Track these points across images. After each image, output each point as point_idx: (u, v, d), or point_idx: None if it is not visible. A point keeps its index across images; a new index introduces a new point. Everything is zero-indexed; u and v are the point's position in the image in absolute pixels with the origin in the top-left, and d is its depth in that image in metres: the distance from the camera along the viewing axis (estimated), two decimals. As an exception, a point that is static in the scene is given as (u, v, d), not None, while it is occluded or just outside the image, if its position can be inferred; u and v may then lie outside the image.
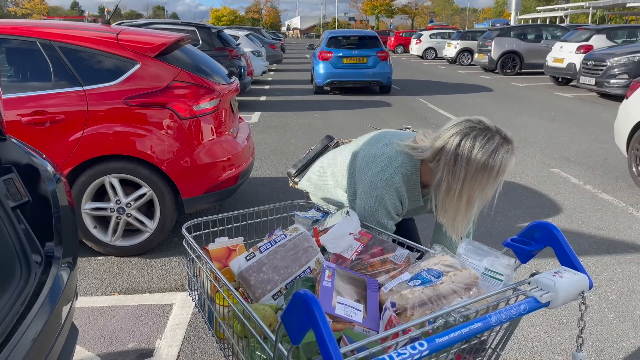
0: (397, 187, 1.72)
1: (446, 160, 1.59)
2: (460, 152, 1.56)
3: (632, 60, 10.26)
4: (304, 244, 1.45)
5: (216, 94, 3.59)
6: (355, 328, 1.18)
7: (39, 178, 1.68)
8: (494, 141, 1.55)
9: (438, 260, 1.35)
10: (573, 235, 3.93)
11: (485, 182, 1.57)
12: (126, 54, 3.42)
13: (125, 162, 3.39)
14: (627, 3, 34.09)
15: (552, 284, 1.02)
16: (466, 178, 1.56)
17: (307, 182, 2.10)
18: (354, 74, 12.09)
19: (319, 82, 12.21)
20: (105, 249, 3.53)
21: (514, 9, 26.59)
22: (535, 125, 8.39)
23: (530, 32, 17.93)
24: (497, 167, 1.54)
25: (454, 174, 1.57)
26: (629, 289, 3.13)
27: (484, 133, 1.56)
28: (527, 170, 5.74)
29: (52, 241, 1.62)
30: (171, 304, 2.98)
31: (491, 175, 1.56)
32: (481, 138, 1.55)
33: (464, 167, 1.55)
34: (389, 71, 12.29)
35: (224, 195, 3.68)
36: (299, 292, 0.86)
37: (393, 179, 1.72)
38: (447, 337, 0.91)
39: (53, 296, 1.48)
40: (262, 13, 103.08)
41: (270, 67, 20.05)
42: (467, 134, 1.57)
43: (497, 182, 1.59)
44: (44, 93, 3.31)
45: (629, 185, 5.14)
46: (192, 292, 1.66)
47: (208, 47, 9.48)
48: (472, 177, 1.56)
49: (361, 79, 12.19)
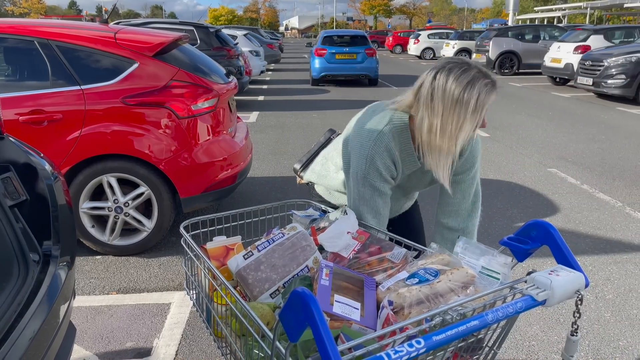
0: (387, 144, 1.66)
1: (423, 97, 1.55)
2: (436, 85, 1.52)
3: (630, 60, 10.29)
4: (301, 242, 1.45)
5: (214, 93, 3.59)
6: (352, 326, 1.18)
7: (36, 177, 1.68)
8: (469, 74, 1.50)
9: (435, 258, 1.35)
10: (570, 235, 3.94)
11: (462, 117, 1.51)
12: (124, 53, 3.42)
13: (123, 162, 3.38)
14: (624, 3, 34.18)
15: (548, 282, 1.02)
16: (444, 113, 1.52)
17: (311, 173, 2.10)
18: (345, 68, 13.81)
19: (314, 75, 13.98)
20: (103, 248, 3.53)
21: (511, 9, 26.67)
22: (533, 125, 8.41)
23: (528, 32, 17.96)
24: (473, 102, 1.49)
25: (432, 110, 1.54)
26: (626, 288, 3.14)
27: (460, 66, 1.52)
28: (525, 170, 5.75)
29: (50, 240, 1.62)
30: (169, 303, 2.98)
31: (467, 110, 1.51)
32: (456, 70, 1.51)
33: (441, 101, 1.51)
34: (376, 66, 14.04)
35: (222, 194, 3.68)
36: (297, 290, 0.86)
37: (381, 136, 1.66)
38: (444, 335, 0.91)
39: (51, 295, 1.49)
40: (260, 13, 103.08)
41: (269, 67, 20.05)
42: (442, 67, 1.53)
43: (476, 118, 1.53)
44: (42, 92, 3.30)
45: (626, 185, 5.15)
46: (190, 291, 1.67)
47: (206, 46, 9.48)
48: (450, 112, 1.51)
49: (351, 73, 13.92)
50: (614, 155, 6.35)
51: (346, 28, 79.19)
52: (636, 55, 10.28)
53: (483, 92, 1.49)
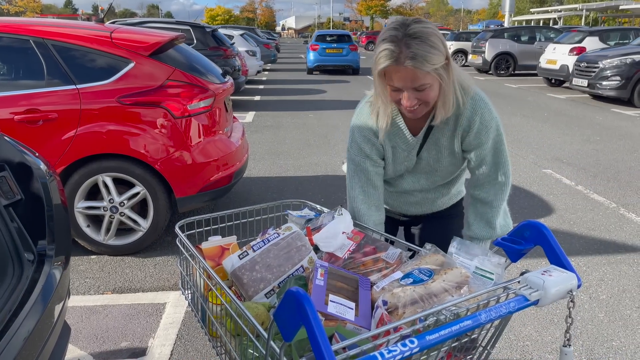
0: (365, 117, 1.67)
1: None
2: None
3: (625, 62, 10.34)
4: (296, 242, 1.46)
5: (210, 93, 3.59)
6: (347, 326, 1.19)
7: (31, 176, 1.67)
8: (388, 33, 1.44)
9: (430, 259, 1.36)
10: (565, 236, 3.96)
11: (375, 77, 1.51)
12: (120, 52, 3.41)
13: (118, 161, 3.38)
14: (620, 5, 34.35)
15: (541, 283, 1.03)
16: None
17: None
18: (333, 60, 17.95)
19: (309, 65, 18.10)
20: (98, 248, 3.52)
21: (507, 10, 26.74)
22: (528, 126, 8.44)
23: (524, 33, 18.02)
24: (374, 59, 1.47)
25: None
26: (619, 288, 3.16)
27: (397, 21, 1.47)
28: (520, 171, 5.78)
29: (45, 239, 1.62)
30: (164, 303, 2.97)
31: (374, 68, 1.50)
32: (391, 24, 1.48)
33: None
34: (357, 59, 18.15)
35: (218, 194, 3.68)
36: (291, 290, 0.87)
37: (361, 110, 1.69)
38: (438, 335, 0.92)
39: (45, 294, 1.48)
40: (256, 13, 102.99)
41: (265, 67, 20.05)
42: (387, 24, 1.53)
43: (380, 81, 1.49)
44: (37, 91, 3.30)
45: (620, 186, 5.18)
46: (185, 291, 1.67)
47: (202, 46, 9.47)
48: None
49: (338, 64, 18.03)
50: (609, 157, 6.38)
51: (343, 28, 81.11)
52: (631, 57, 10.33)
53: (380, 55, 1.44)
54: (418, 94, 1.47)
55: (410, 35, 1.40)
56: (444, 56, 1.45)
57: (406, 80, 1.44)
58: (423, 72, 1.42)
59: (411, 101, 1.48)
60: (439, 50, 1.43)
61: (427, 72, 1.42)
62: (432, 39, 1.42)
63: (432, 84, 1.46)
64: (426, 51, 1.40)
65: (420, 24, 1.43)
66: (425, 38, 1.41)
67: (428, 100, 1.50)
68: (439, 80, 1.47)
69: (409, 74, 1.42)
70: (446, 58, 1.47)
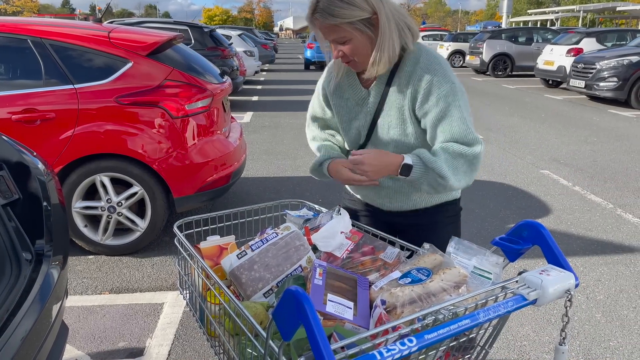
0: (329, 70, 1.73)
1: None
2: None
3: (622, 63, 10.38)
4: (295, 242, 1.46)
5: (208, 93, 3.59)
6: (345, 325, 1.19)
7: (29, 176, 1.67)
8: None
9: (428, 258, 1.36)
10: (562, 236, 3.97)
11: None
12: (118, 52, 3.41)
13: (116, 161, 3.38)
14: (617, 7, 34.44)
15: (539, 282, 1.04)
16: None
17: None
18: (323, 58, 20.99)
19: (306, 61, 21.39)
20: (95, 248, 3.51)
21: (505, 11, 26.82)
22: (526, 127, 8.46)
23: (521, 34, 18.06)
24: None
25: None
26: (617, 289, 3.17)
27: None
28: (518, 171, 5.79)
29: (43, 239, 1.61)
30: (162, 303, 2.97)
31: None
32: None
33: None
34: None
35: (216, 194, 3.68)
36: (290, 289, 0.87)
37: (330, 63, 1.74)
38: (436, 334, 0.92)
39: (43, 294, 1.48)
40: (254, 13, 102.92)
41: (263, 67, 20.06)
42: None
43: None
44: (35, 91, 3.29)
45: (617, 187, 5.20)
46: (184, 291, 1.67)
47: (200, 46, 9.46)
48: None
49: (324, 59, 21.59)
50: (606, 158, 6.40)
51: None
52: (628, 58, 10.37)
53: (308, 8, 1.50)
54: (341, 47, 1.51)
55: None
56: (363, 11, 1.45)
57: (323, 32, 1.51)
58: (332, 25, 1.46)
59: (336, 52, 1.52)
60: (354, 4, 1.44)
61: (336, 25, 1.45)
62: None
63: (350, 38, 1.48)
64: (334, 5, 1.43)
65: None
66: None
67: (349, 53, 1.51)
68: (360, 34, 1.48)
69: (323, 27, 1.49)
70: (373, 13, 1.46)
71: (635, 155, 6.52)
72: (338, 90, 1.69)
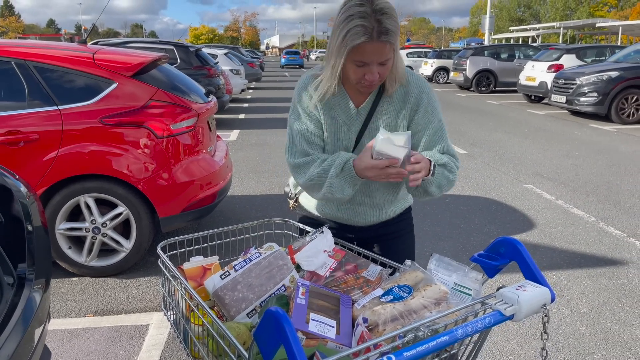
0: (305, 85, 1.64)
1: None
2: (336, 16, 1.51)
3: (601, 79, 10.61)
4: (278, 261, 1.47)
5: (193, 112, 3.61)
6: (328, 344, 1.20)
7: (11, 199, 1.67)
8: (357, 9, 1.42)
9: (409, 275, 1.38)
10: (546, 250, 4.02)
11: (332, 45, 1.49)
12: (103, 73, 3.42)
13: (101, 182, 3.36)
14: (596, 23, 35.30)
15: (515, 298, 1.06)
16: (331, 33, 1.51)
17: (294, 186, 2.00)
18: (292, 62, 43.13)
19: (281, 65, 44.31)
20: (79, 270, 3.48)
21: (487, 28, 27.34)
22: (509, 142, 8.58)
23: (504, 51, 18.41)
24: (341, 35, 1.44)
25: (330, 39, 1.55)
26: (600, 301, 3.21)
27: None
28: (502, 186, 5.86)
29: (25, 262, 1.60)
30: (147, 324, 2.94)
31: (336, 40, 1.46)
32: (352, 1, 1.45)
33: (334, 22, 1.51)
34: (302, 61, 44.51)
35: (201, 213, 3.68)
36: (270, 309, 0.88)
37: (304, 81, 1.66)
38: (415, 351, 0.93)
39: (25, 318, 1.47)
40: (241, 32, 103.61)
41: (249, 86, 20.13)
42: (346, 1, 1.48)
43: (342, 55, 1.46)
44: (18, 113, 3.28)
45: (599, 200, 5.28)
46: (168, 312, 1.66)
47: (186, 65, 9.50)
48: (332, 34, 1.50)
49: (294, 63, 43.00)
50: (588, 171, 6.51)
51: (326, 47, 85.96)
52: (607, 73, 10.60)
53: (351, 32, 1.42)
54: (380, 68, 1.49)
55: (379, 11, 1.42)
56: None
57: (376, 55, 1.46)
58: (390, 45, 1.46)
59: (375, 75, 1.49)
60: (399, 24, 1.48)
61: (392, 44, 1.46)
62: (394, 12, 1.45)
63: (391, 57, 1.50)
64: (395, 27, 1.45)
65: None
66: (391, 12, 1.44)
67: (384, 73, 1.52)
68: (394, 54, 1.51)
69: (380, 48, 1.44)
70: None
71: (616, 169, 6.64)
72: (326, 108, 1.65)
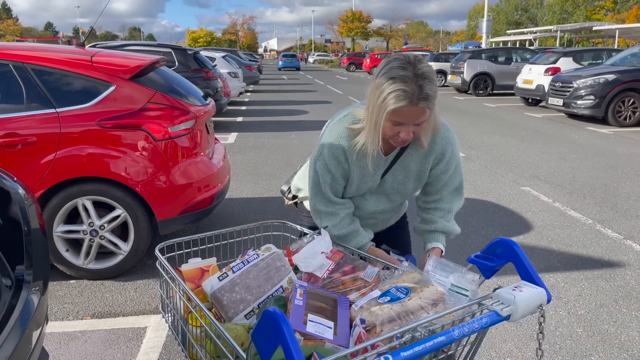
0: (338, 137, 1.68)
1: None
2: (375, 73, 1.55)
3: (598, 82, 10.64)
4: (276, 263, 1.48)
5: (191, 115, 3.61)
6: (326, 345, 1.20)
7: (9, 201, 1.67)
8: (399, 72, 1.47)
9: (407, 277, 1.39)
10: (543, 252, 4.03)
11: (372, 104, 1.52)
12: (100, 76, 3.42)
13: (99, 184, 3.36)
14: (593, 26, 35.43)
15: (512, 298, 1.07)
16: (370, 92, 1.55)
17: (297, 179, 2.08)
18: (289, 64, 43.30)
19: (278, 67, 44.04)
20: (77, 273, 3.47)
21: (485, 32, 27.40)
22: (507, 145, 8.60)
23: (501, 54, 18.47)
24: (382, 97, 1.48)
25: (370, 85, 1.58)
26: (597, 303, 3.22)
27: (401, 61, 1.50)
28: (499, 188, 5.87)
29: (23, 265, 1.61)
30: (145, 327, 2.94)
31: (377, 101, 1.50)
32: (396, 62, 1.50)
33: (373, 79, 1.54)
34: (299, 64, 44.55)
35: (199, 216, 3.68)
36: (268, 310, 0.88)
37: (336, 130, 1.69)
38: (412, 351, 0.94)
39: (23, 320, 1.47)
40: (239, 35, 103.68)
41: (247, 88, 20.13)
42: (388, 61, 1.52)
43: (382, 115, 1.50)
44: (16, 115, 3.28)
45: (596, 203, 5.30)
46: (166, 314, 1.66)
47: (184, 68, 9.50)
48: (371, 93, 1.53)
49: (291, 66, 43.10)
50: (585, 174, 6.53)
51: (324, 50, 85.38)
52: (604, 76, 10.64)
53: (392, 95, 1.46)
54: (416, 127, 1.55)
55: (420, 76, 1.46)
56: None
57: (414, 118, 1.51)
58: (428, 109, 1.51)
59: (410, 135, 1.55)
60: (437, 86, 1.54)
61: (430, 108, 1.51)
62: (434, 77, 1.51)
63: (427, 118, 1.56)
64: (435, 91, 1.50)
65: (423, 63, 1.50)
66: (432, 77, 1.49)
67: (421, 132, 1.59)
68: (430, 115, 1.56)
69: (418, 113, 1.50)
70: None
71: (612, 171, 6.66)
72: (357, 158, 1.71)
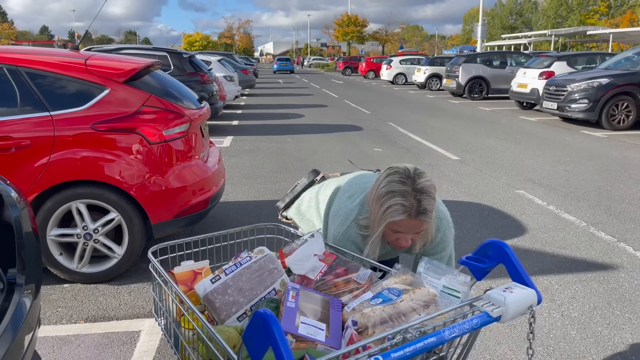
0: (352, 234, 1.77)
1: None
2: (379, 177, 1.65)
3: (592, 85, 10.71)
4: (269, 265, 1.48)
5: (186, 118, 3.61)
6: (318, 347, 1.21)
7: (2, 204, 1.66)
8: (398, 186, 1.57)
9: (399, 278, 1.39)
10: (537, 255, 4.04)
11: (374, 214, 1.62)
12: (95, 79, 3.42)
13: (93, 188, 3.36)
14: (587, 31, 35.67)
15: (502, 299, 1.07)
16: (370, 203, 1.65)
17: (296, 211, 2.17)
18: (284, 67, 46.42)
19: (274, 70, 47.33)
20: (71, 276, 3.46)
21: (480, 36, 27.55)
22: (501, 148, 8.63)
23: (496, 58, 18.55)
24: (382, 209, 1.58)
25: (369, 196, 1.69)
26: (590, 306, 3.23)
27: (401, 174, 1.60)
28: (494, 192, 5.89)
29: (15, 268, 1.60)
30: (139, 330, 2.93)
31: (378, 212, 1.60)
32: (396, 176, 1.60)
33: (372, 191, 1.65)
34: (294, 67, 48.76)
35: (194, 219, 3.67)
36: (259, 312, 0.89)
37: (348, 225, 1.78)
38: (402, 352, 0.94)
39: (15, 324, 1.46)
40: (235, 39, 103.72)
41: (243, 92, 20.14)
42: (394, 167, 1.64)
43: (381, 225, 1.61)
44: (10, 119, 3.27)
45: (590, 206, 5.32)
46: (159, 317, 1.66)
47: (179, 72, 9.50)
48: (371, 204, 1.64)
49: (285, 69, 46.33)
50: (579, 177, 6.56)
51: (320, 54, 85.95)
52: (598, 80, 10.70)
53: (391, 209, 1.57)
54: (414, 235, 1.64)
55: (419, 191, 1.56)
56: None
57: (412, 229, 1.61)
58: (427, 223, 1.60)
59: (408, 242, 1.65)
60: (435, 199, 1.62)
61: (429, 222, 1.61)
62: (433, 191, 1.59)
63: (425, 227, 1.63)
64: (432, 205, 1.58)
65: (422, 177, 1.59)
66: (430, 192, 1.58)
67: (419, 238, 1.68)
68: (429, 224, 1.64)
69: (416, 225, 1.59)
70: None
71: (606, 175, 6.70)
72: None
